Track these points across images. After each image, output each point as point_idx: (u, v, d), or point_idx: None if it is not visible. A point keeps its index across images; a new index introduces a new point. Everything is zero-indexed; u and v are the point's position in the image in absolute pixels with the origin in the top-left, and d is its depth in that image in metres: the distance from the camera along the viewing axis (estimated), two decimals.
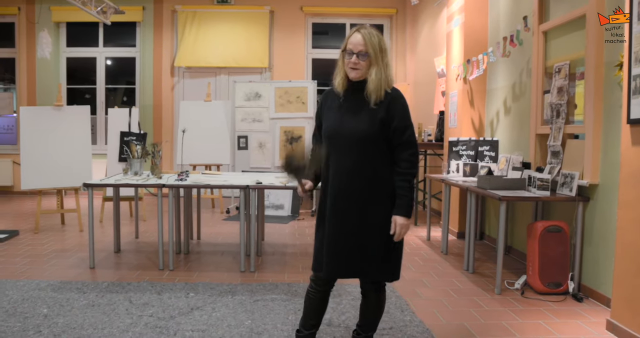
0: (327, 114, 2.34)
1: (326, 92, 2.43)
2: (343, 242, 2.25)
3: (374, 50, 2.18)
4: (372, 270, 2.27)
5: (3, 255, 4.60)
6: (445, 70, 6.17)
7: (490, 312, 3.29)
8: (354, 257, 2.25)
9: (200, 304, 3.38)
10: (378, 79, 2.19)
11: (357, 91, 2.25)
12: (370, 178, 2.23)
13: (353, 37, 2.21)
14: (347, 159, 2.24)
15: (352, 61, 2.19)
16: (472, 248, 4.21)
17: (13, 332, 2.90)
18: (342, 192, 2.25)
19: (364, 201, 2.24)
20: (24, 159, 5.68)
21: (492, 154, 5.03)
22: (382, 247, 2.24)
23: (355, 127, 2.22)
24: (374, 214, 2.24)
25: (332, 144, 2.28)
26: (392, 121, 2.22)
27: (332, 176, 2.28)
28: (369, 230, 2.24)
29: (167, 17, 8.48)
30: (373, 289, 2.37)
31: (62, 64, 8.70)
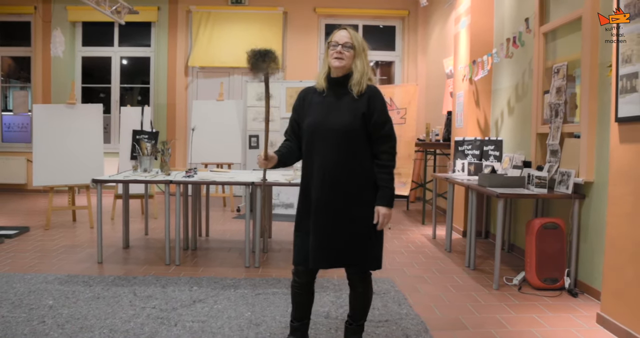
0: (309, 109, 2.41)
1: (305, 90, 2.51)
2: (330, 233, 2.33)
3: (358, 44, 2.32)
4: (357, 260, 2.35)
5: (13, 251, 4.74)
6: (453, 71, 6.20)
7: (486, 306, 3.34)
8: (340, 248, 2.33)
9: (202, 297, 3.47)
10: (362, 69, 2.31)
11: (338, 87, 2.36)
12: (354, 171, 2.32)
13: (338, 33, 2.35)
14: (333, 152, 2.32)
15: (337, 50, 2.29)
16: (473, 246, 4.25)
17: (17, 322, 3.00)
18: (328, 185, 2.32)
19: (349, 193, 2.33)
20: (37, 156, 5.83)
21: (497, 153, 5.06)
22: (366, 236, 2.34)
23: (340, 121, 2.31)
24: (359, 205, 2.34)
25: (316, 138, 2.35)
26: (373, 115, 2.32)
27: (317, 169, 2.35)
28: (354, 221, 2.33)
29: (182, 18, 8.62)
30: (359, 279, 2.44)
31: (77, 63, 8.89)
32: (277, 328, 2.92)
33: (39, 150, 5.86)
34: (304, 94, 2.49)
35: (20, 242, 5.08)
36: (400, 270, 4.20)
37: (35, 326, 2.95)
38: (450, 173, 5.33)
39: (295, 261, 2.46)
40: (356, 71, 2.32)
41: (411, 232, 5.82)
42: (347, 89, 2.34)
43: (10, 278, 3.86)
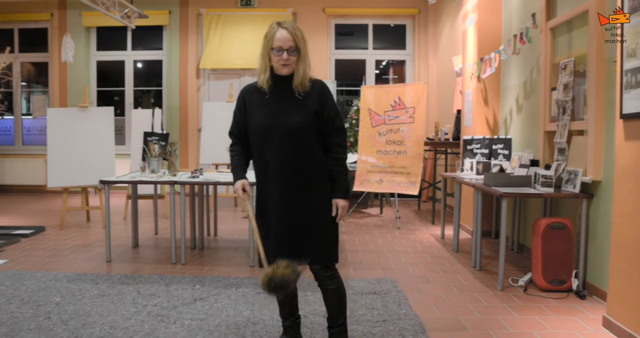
0: (254, 110, 2.37)
1: (247, 89, 2.45)
2: (291, 231, 2.35)
3: (302, 45, 2.28)
4: (317, 253, 2.36)
5: (27, 249, 4.85)
6: (462, 69, 6.15)
7: (488, 307, 3.30)
8: (301, 244, 2.36)
9: (204, 295, 3.50)
10: (303, 72, 2.29)
11: (282, 85, 2.33)
12: (309, 167, 2.34)
13: (279, 33, 2.25)
14: (286, 151, 2.31)
15: (284, 58, 2.25)
16: (479, 246, 4.20)
17: (25, 318, 3.09)
18: (285, 184, 2.33)
19: (306, 189, 2.35)
20: (51, 158, 5.96)
21: (506, 152, 5.00)
22: (324, 229, 2.37)
23: (293, 120, 2.30)
24: (315, 200, 2.36)
25: (267, 139, 2.33)
26: (324, 111, 2.34)
27: (272, 170, 2.34)
28: (312, 215, 2.36)
29: (193, 21, 8.70)
30: (326, 276, 2.40)
31: (92, 68, 9.05)
32: (274, 327, 2.93)
33: (54, 153, 5.98)
34: (245, 94, 2.44)
35: (35, 241, 5.19)
36: (404, 270, 4.18)
37: (41, 322, 3.02)
38: (459, 173, 5.28)
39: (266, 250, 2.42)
40: (297, 77, 2.29)
41: (420, 232, 5.78)
42: (292, 87, 2.32)
43: (22, 275, 3.95)
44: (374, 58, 8.94)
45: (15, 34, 9.09)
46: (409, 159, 6.26)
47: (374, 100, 6.54)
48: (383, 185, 6.45)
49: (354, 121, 7.61)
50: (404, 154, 6.29)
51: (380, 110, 6.48)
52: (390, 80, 9.19)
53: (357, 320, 3.02)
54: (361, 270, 4.18)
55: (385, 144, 6.42)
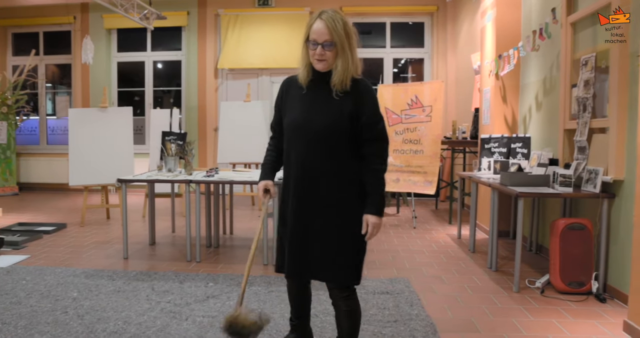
0: (290, 104, 2.19)
1: (288, 81, 2.26)
2: (306, 243, 2.13)
3: (339, 38, 2.03)
4: (336, 274, 2.12)
5: (49, 246, 4.94)
6: (480, 66, 6.07)
7: (503, 309, 3.24)
8: (317, 260, 2.13)
9: (217, 293, 3.51)
10: (344, 70, 2.06)
11: (322, 82, 2.12)
12: (336, 176, 2.10)
13: (316, 25, 2.04)
14: (311, 155, 2.11)
15: (318, 53, 2.04)
16: (495, 246, 4.14)
17: (43, 311, 3.15)
18: (305, 191, 2.13)
19: (329, 200, 2.11)
20: (72, 157, 6.07)
21: (525, 151, 4.91)
22: (348, 249, 2.11)
23: (322, 121, 2.08)
24: (341, 214, 2.11)
25: (294, 138, 2.14)
26: (362, 116, 2.09)
27: (295, 173, 2.15)
28: (335, 231, 2.11)
29: (211, 21, 8.77)
30: (341, 297, 2.18)
31: (113, 68, 9.19)
32: (284, 326, 2.92)
33: (74, 152, 6.09)
34: (286, 86, 2.25)
35: (56, 238, 5.29)
36: (419, 270, 4.13)
37: (58, 316, 3.08)
38: (476, 172, 5.21)
39: (276, 268, 2.31)
40: (336, 72, 2.06)
41: (436, 232, 5.72)
42: (331, 85, 2.10)
43: (42, 271, 4.03)
44: (391, 56, 8.89)
45: (41, 37, 9.29)
46: (426, 158, 6.21)
47: (390, 99, 6.50)
48: (400, 185, 6.41)
49: None
50: (420, 153, 6.24)
51: (397, 108, 6.44)
52: (409, 78, 9.13)
53: (367, 320, 3.00)
54: (374, 269, 4.16)
55: (402, 143, 6.38)
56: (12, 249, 4.73)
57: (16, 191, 8.63)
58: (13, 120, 8.52)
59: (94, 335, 2.81)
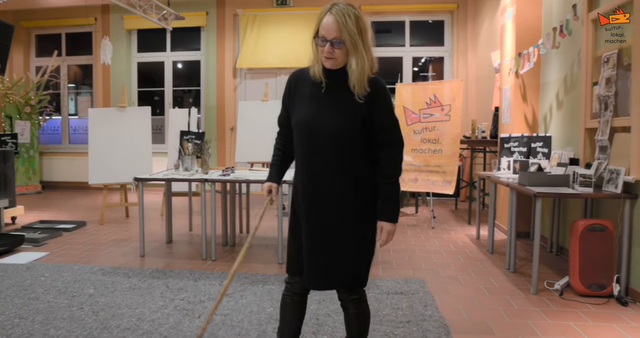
0: (299, 101, 2.04)
1: (297, 74, 2.10)
2: (321, 252, 2.03)
3: (350, 35, 1.86)
4: (346, 278, 2.05)
5: (68, 243, 5.01)
6: (500, 64, 5.97)
7: (520, 311, 3.18)
8: (333, 268, 2.03)
9: (230, 291, 3.52)
10: (360, 68, 1.90)
11: (335, 80, 1.97)
12: (347, 181, 1.99)
13: (325, 20, 1.89)
14: (321, 159, 1.98)
15: (326, 50, 1.90)
16: (513, 247, 4.06)
17: (60, 307, 3.20)
18: (316, 197, 2.02)
19: (342, 206, 2.00)
20: (92, 156, 6.15)
21: (545, 150, 4.81)
22: (359, 252, 2.04)
23: (333, 123, 1.94)
24: (353, 220, 2.02)
25: (304, 140, 2.01)
26: (377, 118, 1.97)
27: (305, 177, 2.04)
28: (346, 235, 2.02)
29: (229, 21, 8.81)
30: (350, 300, 2.11)
31: (133, 69, 9.30)
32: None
33: (94, 151, 6.17)
34: (294, 81, 2.09)
35: (76, 235, 5.36)
36: (435, 271, 4.08)
37: (74, 312, 3.12)
38: (495, 172, 5.13)
39: (291, 270, 2.15)
40: (352, 73, 1.91)
41: (455, 232, 5.65)
42: (346, 82, 1.95)
43: (61, 267, 4.09)
44: (411, 55, 8.82)
45: (63, 38, 9.46)
46: (445, 158, 6.14)
47: (409, 98, 6.45)
48: (418, 184, 6.35)
49: None
50: (439, 153, 6.17)
51: (416, 108, 6.38)
52: (429, 77, 9.05)
53: (380, 320, 2.97)
54: (390, 269, 4.12)
55: (421, 142, 6.32)
56: (33, 246, 4.81)
57: (39, 189, 8.79)
58: (36, 120, 8.69)
59: (108, 331, 2.83)
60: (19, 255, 4.47)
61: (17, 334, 2.78)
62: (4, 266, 4.13)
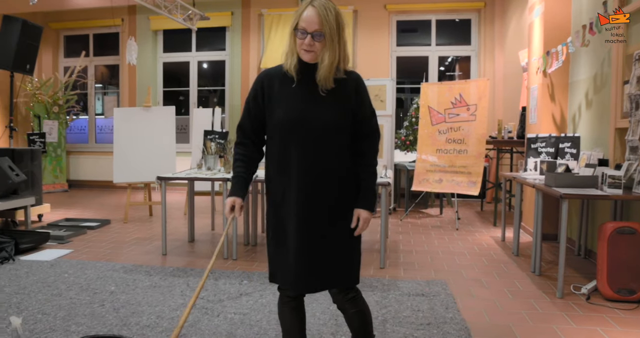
0: (277, 100, 1.96)
1: (267, 74, 2.01)
2: (316, 252, 1.96)
3: (330, 29, 1.85)
4: (342, 277, 2.01)
5: (93, 241, 5.08)
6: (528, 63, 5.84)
7: (544, 315, 3.08)
8: (327, 267, 1.98)
9: (250, 291, 3.51)
10: (330, 64, 1.88)
11: (312, 74, 1.93)
12: (340, 176, 1.97)
13: (307, 13, 1.86)
14: (315, 157, 1.93)
15: (306, 43, 1.86)
16: (538, 249, 3.96)
17: (82, 304, 3.23)
18: (310, 195, 1.94)
19: (334, 202, 1.97)
20: (116, 155, 6.24)
21: (573, 151, 4.68)
22: (351, 250, 2.02)
23: (325, 117, 1.91)
24: (343, 214, 1.99)
25: (292, 139, 1.93)
26: (362, 109, 1.99)
27: (296, 179, 1.94)
28: (339, 232, 1.99)
29: (254, 21, 8.84)
30: (347, 300, 2.05)
31: (159, 69, 9.41)
32: (314, 325, 2.88)
33: (119, 150, 6.25)
34: (267, 80, 2.00)
35: (100, 234, 5.44)
36: (458, 273, 4.00)
37: (95, 308, 3.15)
38: (521, 173, 5.01)
39: (280, 281, 2.04)
40: (322, 68, 1.88)
41: (480, 234, 5.54)
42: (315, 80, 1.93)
43: (84, 265, 4.14)
44: (437, 54, 8.71)
45: (90, 39, 9.63)
46: (470, 158, 6.04)
47: (434, 98, 6.36)
48: (442, 185, 6.26)
49: (414, 119, 7.44)
50: (464, 153, 6.08)
51: (441, 107, 6.30)
52: (456, 76, 8.93)
53: (400, 322, 2.92)
54: (412, 271, 4.05)
55: (446, 143, 6.23)
56: (58, 243, 4.89)
57: (66, 188, 8.97)
58: (64, 119, 8.86)
59: (127, 328, 2.85)
60: (44, 252, 4.55)
61: (39, 329, 2.81)
62: (29, 263, 4.20)
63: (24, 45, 6.12)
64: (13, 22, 6.03)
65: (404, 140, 7.63)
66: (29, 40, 6.19)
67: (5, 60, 6.03)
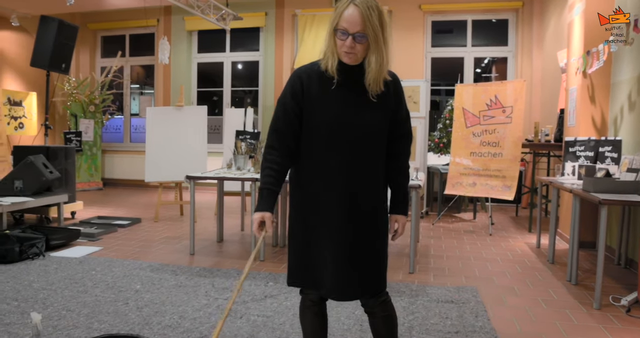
0: (316, 102, 1.85)
1: (305, 71, 1.89)
2: (355, 259, 1.89)
3: (374, 30, 1.74)
4: (376, 282, 1.94)
5: (122, 239, 5.14)
6: (567, 64, 5.63)
7: (579, 326, 2.93)
8: (363, 273, 1.91)
9: (275, 293, 3.46)
10: (379, 66, 1.78)
11: (355, 76, 1.85)
12: (378, 180, 1.91)
13: (348, 12, 1.73)
14: (354, 159, 1.85)
15: (347, 45, 1.75)
16: (575, 257, 3.78)
17: (106, 302, 3.25)
18: (356, 204, 1.87)
19: (372, 206, 1.90)
20: (148, 154, 6.30)
21: (614, 155, 4.46)
22: (382, 253, 1.95)
23: (366, 122, 1.84)
24: (379, 219, 1.92)
25: (331, 142, 1.84)
26: (400, 111, 1.93)
27: (335, 181, 1.86)
28: (373, 238, 1.92)
29: (288, 21, 8.84)
30: (379, 303, 1.98)
31: (193, 69, 9.51)
32: (337, 330, 2.81)
33: (151, 149, 6.32)
34: (305, 76, 1.87)
35: (130, 232, 5.50)
36: (489, 280, 3.86)
37: (119, 307, 3.16)
38: (559, 177, 4.82)
39: (305, 284, 1.97)
40: (370, 72, 1.79)
41: (514, 240, 5.36)
42: (365, 84, 1.85)
43: (112, 263, 4.18)
44: (472, 55, 8.51)
45: (127, 39, 9.81)
46: (505, 162, 5.86)
47: (469, 99, 6.21)
48: (476, 189, 6.09)
49: (448, 121, 7.28)
50: (499, 156, 5.90)
51: (476, 109, 6.14)
52: (492, 78, 8.70)
53: (426, 329, 2.82)
54: (442, 277, 3.93)
55: (480, 145, 6.06)
56: (88, 241, 4.96)
57: (100, 186, 9.15)
58: (100, 118, 9.05)
59: (149, 327, 2.84)
60: (74, 249, 4.62)
61: (62, 326, 2.83)
62: (58, 259, 4.27)
63: (59, 44, 6.26)
64: (50, 22, 6.17)
65: (437, 143, 7.47)
66: (64, 39, 6.32)
67: (41, 60, 6.18)
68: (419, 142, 6.73)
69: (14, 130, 8.39)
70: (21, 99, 8.57)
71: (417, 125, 6.88)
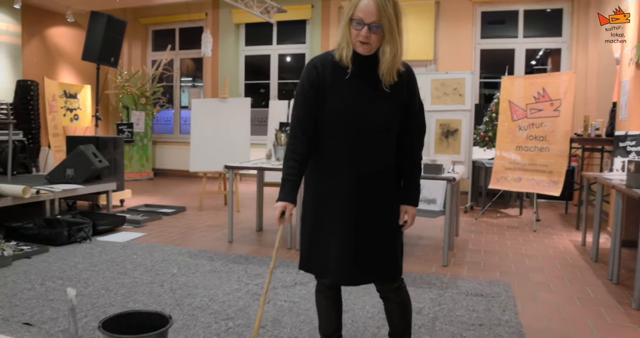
0: (331, 91, 1.87)
1: (320, 61, 1.91)
2: (362, 246, 1.94)
3: (389, 20, 1.76)
4: (387, 269, 1.99)
5: (166, 226, 5.33)
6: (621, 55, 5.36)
7: (613, 326, 2.82)
8: (371, 261, 1.96)
9: (305, 281, 3.52)
10: (392, 57, 1.80)
11: (369, 67, 1.86)
12: (392, 172, 1.96)
13: (364, 3, 1.75)
14: (366, 148, 1.88)
15: (363, 34, 1.77)
16: (617, 255, 3.63)
17: (143, 283, 3.41)
18: (370, 194, 1.92)
19: (382, 196, 1.94)
20: (193, 145, 6.50)
21: None
22: (396, 242, 2.00)
23: (379, 111, 1.86)
24: (390, 208, 1.98)
25: (343, 131, 1.87)
26: (413, 103, 1.94)
27: (346, 169, 1.89)
28: (387, 227, 1.97)
29: (334, 14, 8.84)
30: (393, 289, 2.04)
31: (240, 62, 9.68)
32: (361, 317, 2.84)
33: (196, 140, 6.51)
34: (320, 65, 1.89)
35: (174, 220, 5.70)
36: (525, 275, 3.77)
37: (154, 288, 3.31)
38: (606, 173, 4.62)
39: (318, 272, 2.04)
40: (384, 62, 1.81)
41: (558, 237, 5.19)
42: (377, 69, 1.87)
43: (153, 248, 4.36)
44: (524, 47, 8.24)
45: (176, 33, 10.09)
46: (552, 157, 5.67)
47: (516, 92, 6.03)
48: (521, 184, 5.93)
49: (494, 115, 7.10)
50: (546, 151, 5.71)
51: (522, 102, 5.96)
52: (548, 70, 8.40)
53: (450, 321, 2.79)
54: (475, 270, 3.87)
55: (526, 140, 5.89)
56: (133, 227, 5.19)
57: (151, 176, 9.50)
58: (150, 110, 9.38)
59: (180, 308, 2.96)
60: (119, 234, 4.84)
61: (100, 304, 2.99)
62: (103, 243, 4.49)
63: (108, 39, 6.53)
64: (99, 17, 6.45)
65: (482, 136, 7.31)
66: (113, 34, 6.59)
67: (91, 54, 6.48)
68: (464, 136, 6.60)
69: (69, 121, 8.84)
70: (76, 91, 9.01)
71: (462, 118, 6.74)
